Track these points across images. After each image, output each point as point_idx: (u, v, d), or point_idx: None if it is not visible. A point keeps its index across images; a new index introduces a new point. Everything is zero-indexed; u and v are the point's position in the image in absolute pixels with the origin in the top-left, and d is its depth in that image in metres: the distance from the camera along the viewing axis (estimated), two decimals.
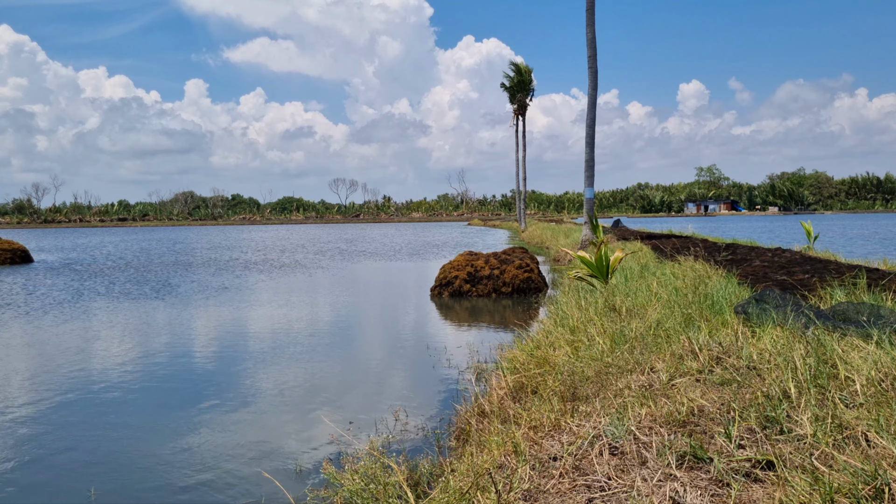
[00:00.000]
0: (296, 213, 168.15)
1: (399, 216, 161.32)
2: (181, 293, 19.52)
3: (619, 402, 4.53)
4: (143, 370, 9.98)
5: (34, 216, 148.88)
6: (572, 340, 7.19)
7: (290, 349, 11.31)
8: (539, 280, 18.04)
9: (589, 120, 27.34)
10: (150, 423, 7.51)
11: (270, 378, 9.44)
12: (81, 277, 24.76)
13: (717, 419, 3.92)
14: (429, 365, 10.01)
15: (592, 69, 27.36)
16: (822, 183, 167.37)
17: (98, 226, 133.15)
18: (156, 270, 27.54)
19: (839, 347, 4.64)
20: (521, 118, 61.62)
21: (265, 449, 6.57)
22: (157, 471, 6.06)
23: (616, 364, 5.63)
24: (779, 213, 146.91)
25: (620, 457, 3.72)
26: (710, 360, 5.05)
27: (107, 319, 14.85)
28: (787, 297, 6.64)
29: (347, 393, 8.68)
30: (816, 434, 3.46)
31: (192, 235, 75.77)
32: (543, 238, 40.84)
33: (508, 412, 5.53)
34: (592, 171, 27.31)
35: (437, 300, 17.38)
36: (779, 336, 5.30)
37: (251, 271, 26.88)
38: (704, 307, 7.25)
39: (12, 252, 32.29)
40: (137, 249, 44.57)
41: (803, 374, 4.20)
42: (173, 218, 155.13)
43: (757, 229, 55.92)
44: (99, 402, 8.30)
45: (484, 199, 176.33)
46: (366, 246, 45.69)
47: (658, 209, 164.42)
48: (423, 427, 7.01)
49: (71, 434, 7.15)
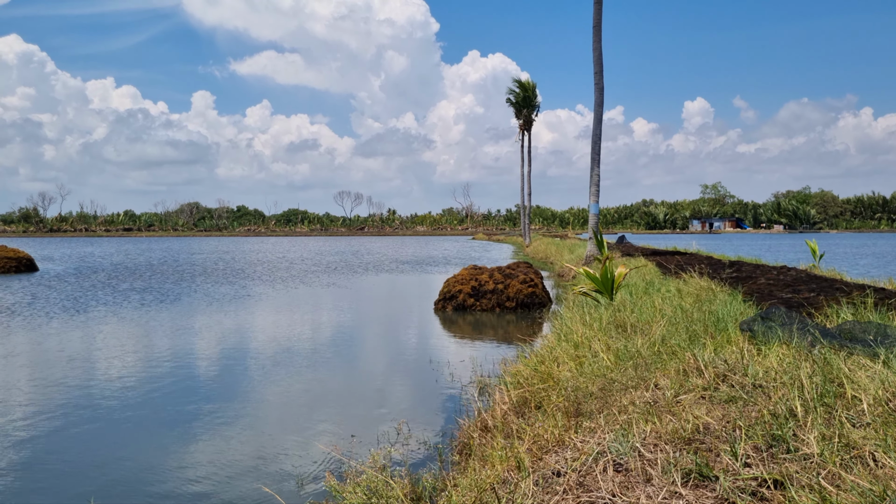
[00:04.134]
0: (301, 225, 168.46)
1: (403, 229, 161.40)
2: (185, 303, 19.52)
3: (624, 419, 4.50)
4: (144, 381, 9.96)
5: (40, 225, 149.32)
6: (576, 356, 7.15)
7: (293, 362, 11.28)
8: (543, 295, 18.00)
9: (594, 136, 27.38)
10: (150, 435, 7.49)
11: (272, 390, 9.41)
12: (85, 286, 24.79)
13: (722, 437, 3.89)
14: (432, 379, 9.97)
15: (599, 85, 27.43)
16: (827, 202, 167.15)
17: (103, 235, 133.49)
18: (160, 280, 27.57)
19: (846, 366, 4.60)
20: (526, 133, 61.76)
21: (266, 462, 6.54)
22: (157, 482, 6.03)
23: (620, 380, 5.60)
24: (784, 232, 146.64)
25: (625, 474, 3.68)
26: (715, 378, 5.01)
27: (109, 329, 14.85)
28: (792, 315, 6.60)
29: (350, 406, 8.65)
30: (823, 453, 3.42)
31: (197, 246, 75.93)
32: (548, 253, 40.81)
33: (512, 427, 5.49)
34: (598, 187, 27.30)
35: (440, 314, 17.35)
36: (785, 354, 5.26)
37: (255, 282, 26.89)
38: (709, 324, 7.22)
39: (17, 260, 32.39)
40: (142, 260, 44.66)
41: (810, 392, 4.17)
42: (178, 228, 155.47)
43: (762, 247, 55.82)
44: (99, 414, 8.28)
45: (488, 214, 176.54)
46: (370, 259, 45.70)
47: (662, 226, 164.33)
48: (425, 441, 6.97)
49: (71, 445, 7.13)
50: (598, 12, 27.36)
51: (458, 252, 56.89)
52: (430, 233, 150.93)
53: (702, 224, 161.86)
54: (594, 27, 27.39)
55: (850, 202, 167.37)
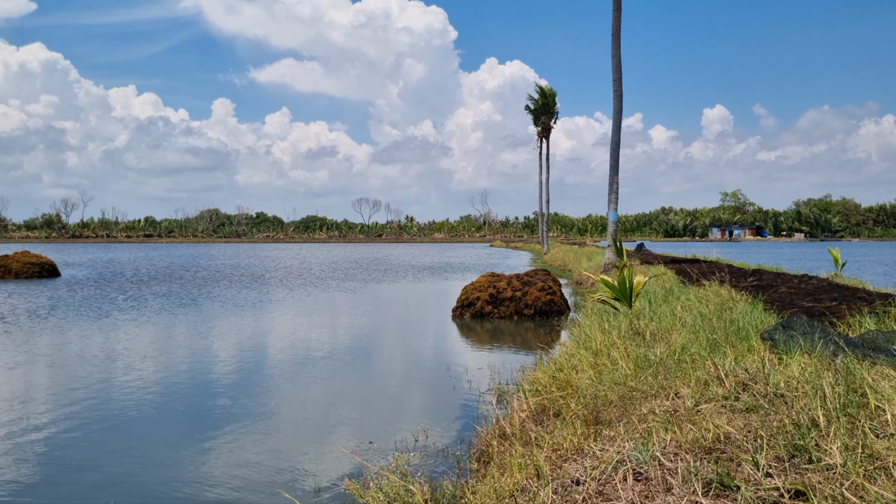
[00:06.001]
0: (319, 231, 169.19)
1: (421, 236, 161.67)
2: (205, 308, 19.67)
3: (644, 427, 4.48)
4: (163, 386, 10.04)
5: (62, 231, 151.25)
6: (595, 364, 7.13)
7: (311, 367, 11.33)
8: (561, 303, 17.96)
9: (613, 143, 27.32)
10: (169, 438, 7.56)
11: (291, 397, 9.46)
12: (107, 291, 25.06)
13: (743, 446, 3.86)
14: (449, 386, 9.97)
15: (617, 92, 27.39)
16: (849, 210, 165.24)
17: (124, 241, 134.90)
18: (180, 285, 27.81)
19: (869, 376, 4.56)
20: (544, 140, 61.72)
21: (284, 467, 6.57)
22: (175, 488, 6.08)
23: (640, 388, 5.58)
24: (805, 240, 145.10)
25: (645, 483, 3.67)
26: (736, 387, 4.98)
27: (129, 333, 15.00)
28: (814, 324, 6.54)
29: (368, 412, 8.67)
30: (847, 464, 3.39)
31: (217, 252, 76.49)
32: (566, 261, 40.68)
33: (530, 435, 5.48)
34: (616, 195, 27.22)
35: (458, 321, 17.35)
36: (807, 363, 5.22)
37: (275, 288, 27.05)
38: (730, 333, 7.17)
39: (40, 266, 32.84)
40: (163, 265, 45.07)
41: (832, 402, 4.13)
42: (198, 235, 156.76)
43: (783, 255, 55.30)
44: (118, 418, 8.36)
45: (506, 221, 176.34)
46: (388, 265, 45.80)
47: (682, 234, 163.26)
48: (443, 448, 6.97)
49: (89, 448, 7.20)
50: (617, 19, 27.35)
51: (475, 259, 56.86)
52: (447, 240, 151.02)
53: (721, 232, 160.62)
54: (613, 34, 27.36)
55: (872, 210, 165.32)
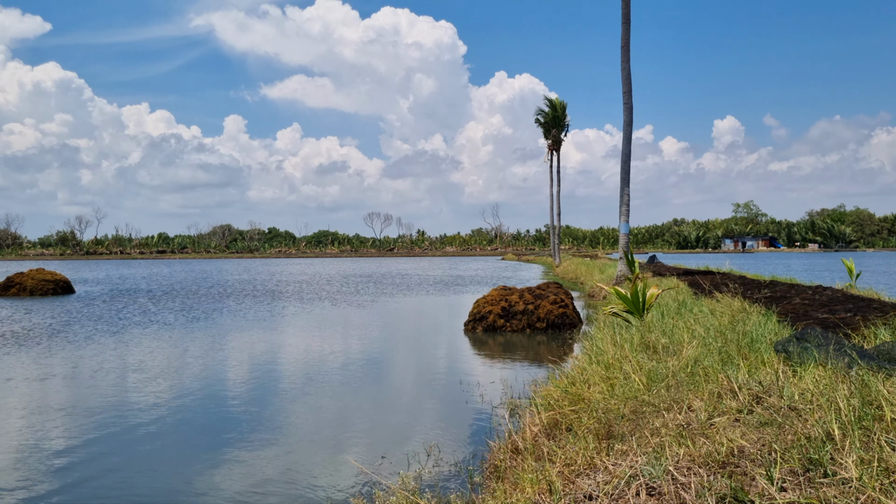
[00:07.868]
0: (331, 246, 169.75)
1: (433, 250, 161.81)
2: (218, 323, 19.74)
3: (656, 441, 4.45)
4: (177, 398, 10.07)
5: (77, 248, 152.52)
6: (607, 377, 7.09)
7: (323, 382, 11.33)
8: (574, 316, 17.89)
9: (624, 155, 27.30)
10: (181, 452, 7.57)
11: (302, 411, 9.45)
12: (120, 307, 25.21)
13: (757, 460, 3.82)
14: (461, 400, 9.94)
15: (627, 105, 27.40)
16: (863, 220, 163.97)
17: (138, 258, 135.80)
18: (194, 301, 27.93)
19: (885, 388, 4.50)
20: (555, 153, 61.71)
21: (296, 480, 6.56)
22: (189, 500, 6.08)
23: (652, 402, 5.54)
24: (819, 251, 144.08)
25: (658, 498, 3.64)
26: (749, 400, 4.94)
27: (143, 349, 15.06)
28: (829, 335, 6.48)
29: (379, 427, 8.65)
30: (862, 477, 3.35)
31: (229, 267, 76.82)
32: (578, 273, 40.57)
33: (542, 449, 5.45)
34: (628, 207, 27.16)
35: (470, 335, 17.31)
36: (821, 376, 5.17)
37: (287, 302, 27.11)
38: (743, 345, 7.11)
39: (55, 283, 33.09)
40: (177, 281, 45.30)
41: (847, 415, 4.09)
42: (211, 250, 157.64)
43: (796, 266, 54.93)
44: (131, 434, 8.38)
45: (518, 234, 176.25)
46: (400, 279, 45.83)
47: (694, 245, 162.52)
48: (455, 462, 6.94)
49: (102, 466, 7.22)
50: (626, 32, 27.40)
51: (487, 272, 56.81)
52: (459, 253, 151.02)
53: (734, 243, 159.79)
54: (622, 47, 27.41)
55: (887, 220, 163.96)
